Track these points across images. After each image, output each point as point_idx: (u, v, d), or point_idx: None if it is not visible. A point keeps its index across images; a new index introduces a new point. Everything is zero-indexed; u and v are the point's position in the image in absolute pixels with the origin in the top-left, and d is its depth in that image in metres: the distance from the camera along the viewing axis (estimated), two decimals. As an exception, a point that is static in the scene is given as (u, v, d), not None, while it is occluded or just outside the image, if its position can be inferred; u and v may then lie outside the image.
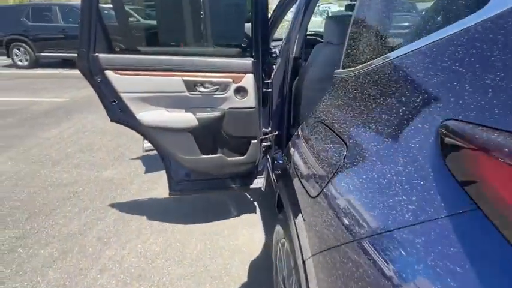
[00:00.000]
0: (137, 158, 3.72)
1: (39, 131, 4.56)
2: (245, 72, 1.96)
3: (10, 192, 3.05)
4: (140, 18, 7.33)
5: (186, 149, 2.09)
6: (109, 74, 1.81)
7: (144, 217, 2.69)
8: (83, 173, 3.41)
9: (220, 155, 2.19)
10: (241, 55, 2.04)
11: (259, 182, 2.47)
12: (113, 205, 2.85)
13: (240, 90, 2.01)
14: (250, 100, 2.04)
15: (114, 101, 1.91)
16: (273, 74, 2.25)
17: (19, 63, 9.28)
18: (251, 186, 2.46)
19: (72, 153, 3.87)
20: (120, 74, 1.83)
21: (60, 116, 5.19)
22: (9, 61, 9.60)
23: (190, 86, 1.93)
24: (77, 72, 1.89)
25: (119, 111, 1.95)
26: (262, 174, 2.48)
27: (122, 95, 1.88)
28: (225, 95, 2.00)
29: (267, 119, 2.30)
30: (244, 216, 2.72)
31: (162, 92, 1.93)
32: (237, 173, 2.33)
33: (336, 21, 2.10)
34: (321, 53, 2.25)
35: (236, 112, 2.07)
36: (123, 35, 2.31)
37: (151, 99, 1.93)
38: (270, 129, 2.37)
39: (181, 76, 1.90)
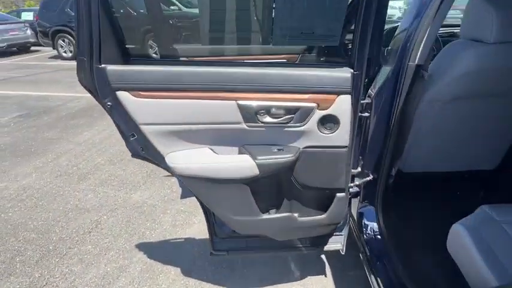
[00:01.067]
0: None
1: (71, 134, 4.15)
2: (339, 93, 1.20)
3: (27, 218, 2.58)
4: (181, 7, 6.65)
5: (239, 208, 1.38)
6: (123, 96, 1.14)
7: (178, 269, 2.06)
8: (110, 194, 2.87)
9: (289, 213, 1.45)
10: (331, 65, 1.27)
11: (336, 242, 1.71)
12: (140, 246, 2.26)
13: (328, 121, 1.24)
14: (341, 136, 1.27)
15: (133, 135, 1.25)
16: (372, 91, 1.45)
17: (64, 54, 9.22)
18: (325, 248, 1.71)
19: (101, 165, 3.37)
20: (141, 97, 1.15)
21: (95, 115, 4.77)
22: (55, 52, 9.59)
23: (250, 113, 1.21)
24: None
25: (140, 149, 1.28)
26: (340, 231, 1.72)
27: (143, 127, 1.20)
28: (302, 128, 1.25)
29: (355, 156, 1.52)
30: (309, 279, 1.99)
31: (205, 124, 1.23)
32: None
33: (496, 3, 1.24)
34: (459, 57, 1.41)
35: (317, 153, 1.31)
36: (154, 31, 1.64)
37: (188, 133, 1.24)
38: (359, 169, 1.59)
39: (235, 99, 1.18)
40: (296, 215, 1.47)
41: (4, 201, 2.80)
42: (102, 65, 1.10)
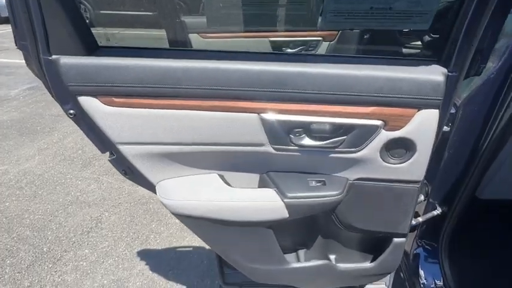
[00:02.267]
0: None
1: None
2: (421, 106, 0.76)
3: (24, 210, 2.34)
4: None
5: (258, 255, 1.01)
6: (89, 104, 0.75)
7: (185, 287, 1.77)
8: (114, 185, 2.59)
9: (325, 261, 1.07)
10: (411, 60, 0.82)
11: (380, 282, 1.33)
12: (142, 254, 1.98)
13: (398, 146, 0.82)
14: (414, 168, 0.85)
15: (112, 154, 0.87)
16: (457, 97, 1.00)
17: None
18: (365, 289, 1.34)
19: (108, 150, 3.08)
20: (116, 105, 0.76)
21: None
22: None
23: (279, 132, 0.80)
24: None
25: (122, 172, 0.92)
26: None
27: (122, 148, 0.82)
28: (357, 155, 0.83)
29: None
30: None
31: (212, 145, 0.83)
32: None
33: None
34: None
35: (374, 188, 0.90)
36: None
37: (187, 155, 0.85)
38: (422, 197, 1.17)
39: (257, 110, 0.77)
40: (334, 261, 1.09)
41: (2, 188, 2.57)
42: (53, 56, 0.71)
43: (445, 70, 0.74)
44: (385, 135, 0.80)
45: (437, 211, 1.13)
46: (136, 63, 0.72)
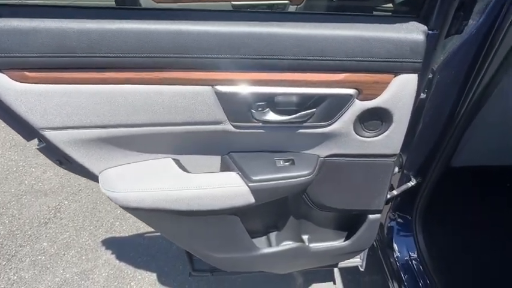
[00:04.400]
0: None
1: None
2: (398, 70, 0.67)
3: (-30, 203, 2.12)
4: None
5: (224, 244, 0.92)
6: (-5, 80, 0.60)
7: (154, 276, 1.68)
8: (74, 171, 2.39)
9: (297, 244, 1.00)
10: (385, 17, 0.71)
11: (355, 257, 1.30)
12: (107, 243, 1.85)
13: (372, 117, 0.73)
14: (391, 140, 0.77)
15: (40, 141, 0.73)
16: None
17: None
18: (340, 265, 1.31)
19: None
20: (31, 81, 0.60)
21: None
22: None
23: (239, 107, 0.69)
24: None
25: (56, 162, 0.77)
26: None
27: (47, 134, 0.68)
28: (328, 129, 0.74)
29: None
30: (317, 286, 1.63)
31: (158, 125, 0.70)
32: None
33: None
34: None
35: (347, 165, 0.82)
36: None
37: (132, 138, 0.72)
38: (397, 170, 1.12)
39: (211, 82, 0.65)
40: (308, 242, 1.03)
41: None
42: None
43: (425, 28, 0.65)
44: (358, 106, 0.70)
45: (412, 182, 1.09)
46: (47, 25, 0.57)
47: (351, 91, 0.68)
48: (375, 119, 0.74)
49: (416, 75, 0.67)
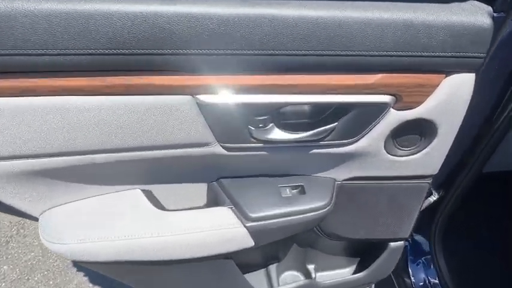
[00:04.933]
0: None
1: None
2: (451, 69, 0.48)
3: None
4: None
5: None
6: None
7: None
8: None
9: (306, 280, 0.82)
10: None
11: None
12: (78, 264, 1.62)
13: (410, 131, 0.55)
14: (431, 158, 0.59)
15: None
16: None
17: None
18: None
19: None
20: None
21: None
22: None
23: (230, 122, 0.49)
24: None
25: None
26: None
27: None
28: (350, 148, 0.55)
29: None
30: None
31: (123, 151, 0.49)
32: None
33: None
34: None
35: (371, 189, 0.64)
36: None
37: (88, 168, 0.51)
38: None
39: (193, 89, 0.45)
40: (314, 274, 0.85)
41: None
42: None
43: (489, 9, 0.46)
44: (394, 118, 0.52)
45: (434, 197, 0.92)
46: None
47: (387, 98, 0.49)
48: (413, 133, 0.56)
49: (474, 74, 0.49)
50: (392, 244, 0.79)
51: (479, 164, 0.84)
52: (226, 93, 0.46)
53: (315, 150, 0.55)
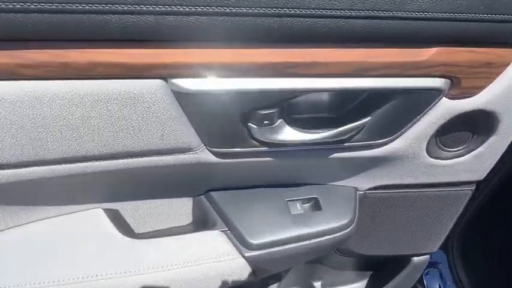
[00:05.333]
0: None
1: None
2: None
3: None
4: None
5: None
6: None
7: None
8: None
9: None
10: None
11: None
12: None
13: (463, 126, 0.41)
14: (482, 159, 0.46)
15: None
16: None
17: None
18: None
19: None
20: None
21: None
22: None
23: (225, 119, 0.34)
24: None
25: None
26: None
27: None
28: (385, 150, 0.41)
29: None
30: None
31: (74, 161, 0.34)
32: None
33: None
34: None
35: (403, 199, 0.51)
36: None
37: (30, 185, 0.36)
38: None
39: (167, 68, 0.29)
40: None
41: None
42: None
43: None
44: (447, 109, 0.38)
45: None
46: None
47: (441, 82, 0.35)
48: (465, 129, 0.42)
49: None
50: (416, 259, 0.67)
51: (510, 167, 0.71)
52: (215, 76, 0.31)
53: (336, 154, 0.41)
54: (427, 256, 0.67)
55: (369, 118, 0.37)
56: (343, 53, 0.32)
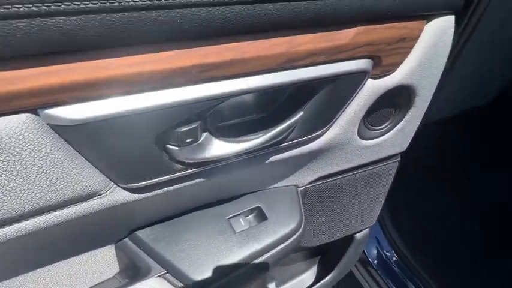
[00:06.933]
0: None
1: None
2: (432, 11, 0.35)
3: None
4: None
5: None
6: None
7: None
8: None
9: None
10: None
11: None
12: None
13: (387, 103, 0.41)
14: (404, 132, 0.47)
15: None
16: None
17: None
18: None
19: None
20: None
21: None
22: None
23: (134, 145, 0.26)
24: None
25: None
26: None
27: None
28: (319, 142, 0.39)
29: None
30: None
31: None
32: None
33: None
34: None
35: (337, 185, 0.50)
36: None
37: None
38: None
39: (40, 95, 0.21)
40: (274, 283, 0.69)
41: None
42: None
43: None
44: (373, 89, 0.37)
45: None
46: None
47: (365, 63, 0.34)
48: (387, 106, 0.42)
49: (454, 17, 0.37)
50: (358, 235, 0.68)
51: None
52: (109, 95, 0.23)
53: (273, 158, 0.37)
54: (367, 229, 0.70)
55: (301, 113, 0.34)
56: (263, 45, 0.28)
